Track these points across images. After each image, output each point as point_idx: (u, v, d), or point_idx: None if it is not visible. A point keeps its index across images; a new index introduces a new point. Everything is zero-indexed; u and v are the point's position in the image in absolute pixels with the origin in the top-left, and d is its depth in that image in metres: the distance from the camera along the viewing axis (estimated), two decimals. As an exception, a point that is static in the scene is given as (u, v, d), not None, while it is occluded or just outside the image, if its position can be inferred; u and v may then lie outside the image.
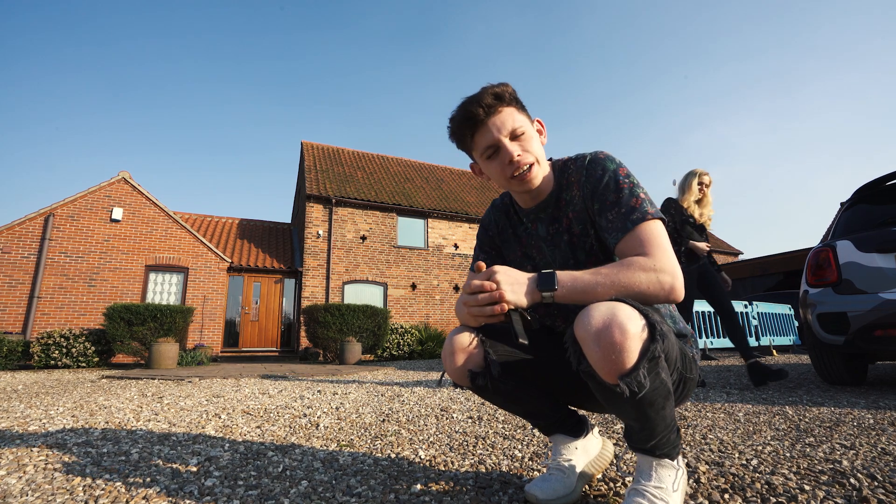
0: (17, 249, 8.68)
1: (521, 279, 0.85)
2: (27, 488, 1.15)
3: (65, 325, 8.62)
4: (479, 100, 0.93)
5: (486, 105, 0.92)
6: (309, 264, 11.19)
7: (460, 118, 0.95)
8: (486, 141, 0.94)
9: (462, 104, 0.95)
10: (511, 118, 0.94)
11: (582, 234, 0.98)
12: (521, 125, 0.94)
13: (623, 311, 0.74)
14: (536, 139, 0.99)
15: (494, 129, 0.93)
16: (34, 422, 2.12)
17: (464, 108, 0.94)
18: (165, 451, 1.53)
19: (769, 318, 7.41)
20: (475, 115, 0.93)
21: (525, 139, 0.95)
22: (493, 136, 0.94)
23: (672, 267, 0.82)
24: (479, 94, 0.93)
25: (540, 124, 1.03)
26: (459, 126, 0.96)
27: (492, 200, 1.17)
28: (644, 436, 0.83)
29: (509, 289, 0.83)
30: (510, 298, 0.83)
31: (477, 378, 0.99)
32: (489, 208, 1.19)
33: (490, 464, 1.31)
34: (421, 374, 4.78)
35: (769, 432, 1.63)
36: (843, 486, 1.03)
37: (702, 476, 1.13)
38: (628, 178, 0.91)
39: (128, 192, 9.84)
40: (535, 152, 0.96)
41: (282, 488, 1.13)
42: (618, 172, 0.92)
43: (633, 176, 0.93)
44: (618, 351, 0.72)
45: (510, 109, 0.94)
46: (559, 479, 0.99)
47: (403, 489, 1.10)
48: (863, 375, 2.97)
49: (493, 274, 0.85)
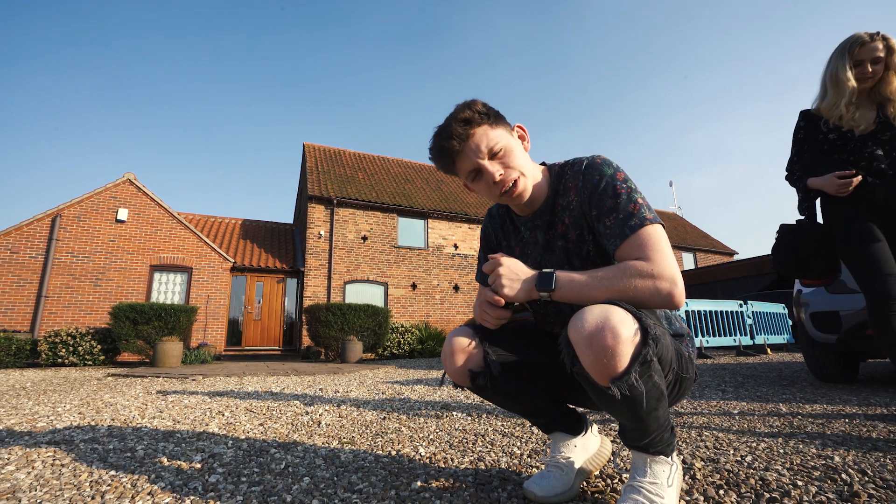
0: (25, 250, 8.75)
1: (522, 275, 0.88)
2: (36, 483, 1.18)
3: (71, 323, 8.69)
4: (448, 132, 0.92)
5: (457, 135, 0.92)
6: (311, 264, 11.23)
7: (437, 152, 0.95)
8: (467, 167, 0.95)
9: (435, 137, 0.95)
10: (485, 138, 0.92)
11: (578, 240, 0.96)
12: (496, 141, 0.93)
13: (616, 314, 0.75)
14: (518, 149, 0.97)
15: (472, 153, 0.93)
16: (42, 419, 2.16)
17: (438, 143, 0.94)
18: (170, 447, 1.56)
19: (763, 318, 7.42)
20: (449, 148, 0.93)
21: (505, 154, 0.94)
22: (473, 161, 0.93)
23: (671, 273, 0.80)
24: (447, 125, 0.93)
25: (521, 129, 1.02)
26: (438, 159, 0.97)
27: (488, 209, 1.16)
28: (637, 434, 0.85)
29: (508, 283, 0.87)
30: (507, 293, 0.87)
31: (477, 378, 1.01)
32: (486, 217, 1.18)
33: (489, 461, 1.33)
34: (421, 373, 4.80)
35: (763, 429, 1.65)
36: (835, 482, 1.05)
37: (697, 472, 1.15)
38: (626, 183, 0.90)
39: (133, 194, 9.90)
40: (517, 165, 0.94)
41: (284, 485, 1.15)
42: (615, 177, 0.91)
43: (631, 181, 0.91)
44: (609, 355, 0.73)
45: (483, 129, 0.93)
46: (557, 476, 1.01)
47: (404, 486, 1.12)
48: (854, 373, 2.99)
49: (496, 264, 0.89)
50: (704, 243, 18.69)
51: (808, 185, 1.80)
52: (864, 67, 1.67)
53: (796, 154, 1.91)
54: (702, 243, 18.57)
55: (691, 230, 20.00)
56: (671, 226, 19.34)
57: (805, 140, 1.86)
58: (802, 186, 1.85)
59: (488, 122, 0.94)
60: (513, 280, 0.87)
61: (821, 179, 1.75)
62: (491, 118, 0.95)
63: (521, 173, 0.95)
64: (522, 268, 0.90)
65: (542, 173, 1.02)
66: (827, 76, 1.77)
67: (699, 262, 17.88)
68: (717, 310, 6.65)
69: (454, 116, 0.93)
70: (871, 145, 1.69)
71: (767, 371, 3.99)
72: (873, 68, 1.67)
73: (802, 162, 1.88)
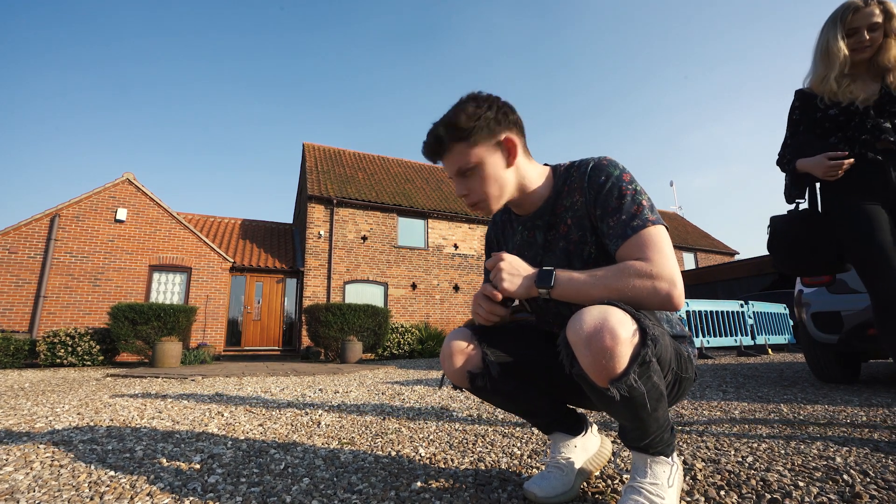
0: (23, 249, 8.74)
1: (523, 271, 0.89)
2: (34, 484, 1.18)
3: (70, 324, 8.68)
4: (426, 146, 0.96)
5: (432, 151, 0.95)
6: (310, 264, 11.22)
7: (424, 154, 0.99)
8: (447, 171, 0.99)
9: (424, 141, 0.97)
10: (458, 157, 0.93)
11: (580, 241, 0.95)
12: (467, 161, 0.92)
13: (614, 315, 0.74)
14: (494, 167, 0.93)
15: (447, 165, 0.97)
16: (41, 419, 2.15)
17: (422, 149, 0.98)
18: (169, 448, 1.55)
19: (765, 318, 7.42)
20: (429, 158, 0.97)
21: (473, 175, 0.94)
22: (448, 170, 0.98)
23: (670, 274, 0.80)
24: (427, 138, 0.95)
25: (510, 142, 0.94)
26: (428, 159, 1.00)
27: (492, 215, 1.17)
28: (637, 435, 0.85)
29: (508, 278, 0.88)
30: (507, 287, 0.88)
31: (476, 379, 1.01)
32: (490, 224, 1.19)
33: (489, 461, 1.32)
34: (421, 373, 4.80)
35: (764, 430, 1.64)
36: (837, 483, 1.05)
37: (698, 473, 1.15)
38: (631, 184, 0.90)
39: (132, 193, 9.89)
40: (481, 190, 0.94)
41: (284, 485, 1.14)
42: (621, 178, 0.90)
43: (637, 183, 0.91)
44: (608, 356, 0.73)
45: (459, 147, 0.92)
46: (557, 477, 1.00)
47: (404, 486, 1.11)
48: (856, 374, 2.99)
49: (498, 259, 0.91)
50: (705, 243, 18.70)
51: (797, 168, 1.60)
52: (860, 36, 1.48)
53: (790, 136, 1.70)
54: (703, 243, 18.58)
55: (692, 230, 20.01)
56: (672, 226, 19.35)
57: (800, 121, 1.66)
58: (791, 169, 1.65)
59: (466, 139, 0.91)
60: (513, 275, 0.89)
61: (810, 161, 1.54)
62: (472, 134, 0.91)
63: (484, 198, 0.95)
64: (524, 265, 0.91)
65: (543, 175, 1.01)
66: (817, 48, 1.58)
67: (700, 262, 17.89)
68: (718, 310, 6.65)
69: (434, 130, 0.94)
70: (877, 119, 1.47)
71: (768, 371, 3.99)
72: (871, 35, 1.47)
73: (794, 144, 1.67)
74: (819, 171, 1.51)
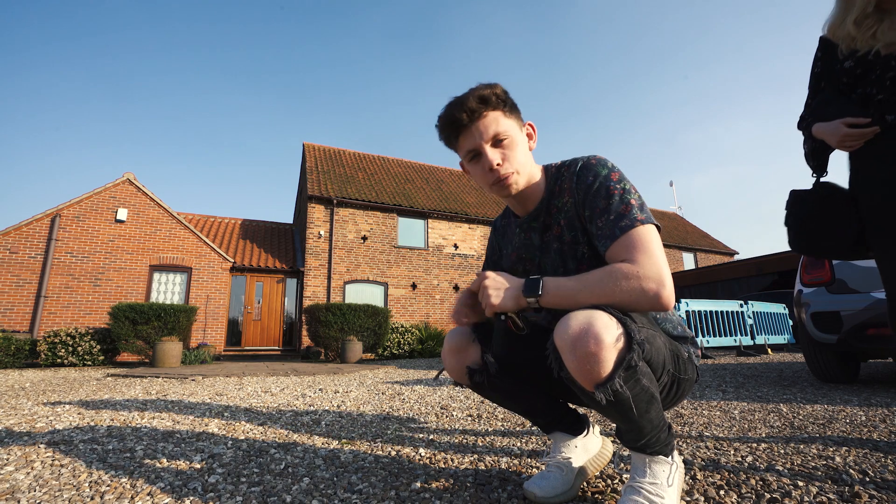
0: (24, 249, 8.74)
1: (508, 283, 0.88)
2: (35, 484, 1.18)
3: (71, 324, 8.69)
4: (463, 104, 0.91)
5: (470, 110, 0.90)
6: (310, 264, 11.23)
7: (445, 121, 0.94)
8: (469, 145, 0.93)
9: (448, 106, 0.93)
10: (495, 123, 0.91)
11: (573, 241, 0.95)
12: (504, 130, 0.92)
13: (599, 320, 0.74)
14: (522, 146, 0.96)
15: (477, 134, 0.91)
16: (41, 419, 2.16)
17: (449, 112, 0.92)
18: (169, 448, 1.55)
19: (764, 318, 7.42)
20: (458, 120, 0.91)
21: (508, 146, 0.93)
22: (475, 142, 0.92)
23: (658, 273, 0.79)
24: (464, 98, 0.91)
25: (531, 128, 1.00)
26: (444, 128, 0.95)
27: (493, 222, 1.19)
28: (633, 436, 0.85)
29: (495, 293, 0.87)
30: (495, 303, 0.86)
31: (475, 375, 1.02)
32: (491, 231, 1.19)
33: (489, 461, 1.33)
34: (421, 373, 4.80)
35: (764, 430, 1.65)
36: (836, 482, 1.05)
37: (698, 473, 1.15)
38: (620, 183, 0.89)
39: (132, 194, 9.89)
40: (516, 162, 0.93)
41: (284, 485, 1.15)
42: (609, 178, 0.90)
43: (627, 181, 0.90)
44: (593, 361, 0.73)
45: (496, 114, 0.92)
46: (557, 477, 1.01)
47: (404, 486, 1.12)
48: (855, 373, 2.99)
49: (482, 279, 0.89)
50: (705, 243, 18.70)
51: (813, 134, 1.31)
52: None
53: (812, 93, 1.40)
54: (702, 243, 18.57)
55: (692, 230, 20.00)
56: (671, 226, 19.34)
57: (821, 75, 1.35)
58: (809, 134, 1.36)
59: (503, 108, 0.93)
60: (498, 290, 0.87)
61: (826, 127, 1.25)
62: (507, 106, 0.94)
63: (517, 170, 0.94)
64: (508, 277, 0.90)
65: (539, 173, 1.01)
66: None
67: (700, 262, 17.89)
68: (718, 310, 6.65)
69: (473, 92, 0.92)
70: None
71: (768, 371, 3.99)
72: None
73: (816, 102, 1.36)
74: (834, 139, 1.23)
